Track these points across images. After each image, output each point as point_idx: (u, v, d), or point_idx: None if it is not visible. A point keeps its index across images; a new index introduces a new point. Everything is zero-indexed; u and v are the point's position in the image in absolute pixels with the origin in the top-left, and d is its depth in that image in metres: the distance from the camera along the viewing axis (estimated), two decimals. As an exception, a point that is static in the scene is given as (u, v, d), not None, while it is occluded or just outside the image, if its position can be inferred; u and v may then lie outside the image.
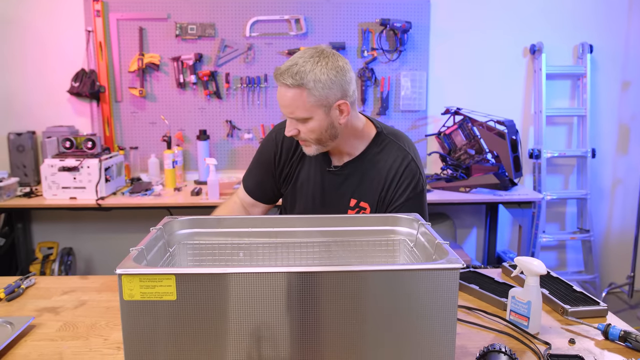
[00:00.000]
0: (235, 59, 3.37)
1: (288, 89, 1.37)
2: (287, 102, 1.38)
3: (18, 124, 3.34)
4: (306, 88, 1.35)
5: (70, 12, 3.28)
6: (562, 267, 3.77)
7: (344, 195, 1.55)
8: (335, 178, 1.56)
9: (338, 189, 1.56)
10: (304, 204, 1.61)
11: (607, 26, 3.47)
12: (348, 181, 1.55)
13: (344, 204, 1.56)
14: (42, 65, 3.33)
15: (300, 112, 1.38)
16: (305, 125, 1.41)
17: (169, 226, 1.24)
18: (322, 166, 1.57)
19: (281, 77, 1.36)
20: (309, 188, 1.59)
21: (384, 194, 1.52)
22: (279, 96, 1.41)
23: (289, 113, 1.40)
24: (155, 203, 2.87)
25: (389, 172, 1.51)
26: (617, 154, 3.63)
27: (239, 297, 0.91)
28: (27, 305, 1.42)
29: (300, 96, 1.36)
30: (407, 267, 0.94)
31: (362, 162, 1.54)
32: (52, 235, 3.47)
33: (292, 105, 1.38)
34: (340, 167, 1.55)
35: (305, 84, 1.35)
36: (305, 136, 1.44)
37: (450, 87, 3.49)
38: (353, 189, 1.54)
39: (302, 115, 1.39)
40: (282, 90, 1.39)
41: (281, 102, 1.40)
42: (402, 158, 1.52)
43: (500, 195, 3.00)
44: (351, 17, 3.37)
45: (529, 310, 1.22)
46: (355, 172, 1.54)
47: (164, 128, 3.39)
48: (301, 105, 1.37)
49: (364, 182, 1.53)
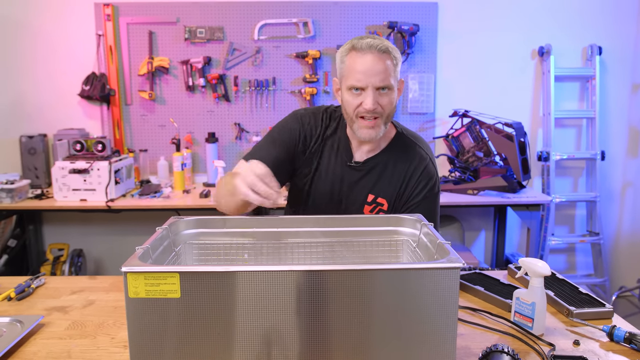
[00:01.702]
0: (243, 62, 3.39)
1: (381, 56, 1.41)
2: (380, 68, 1.41)
3: (30, 127, 3.39)
4: (394, 57, 1.44)
5: (81, 16, 3.33)
6: (571, 270, 3.75)
7: (363, 190, 1.57)
8: (355, 173, 1.58)
9: (357, 183, 1.57)
10: (321, 196, 1.59)
11: (616, 28, 3.45)
12: (368, 177, 1.57)
13: (362, 199, 1.57)
14: (53, 69, 3.38)
15: (391, 80, 1.43)
16: (386, 97, 1.45)
17: (175, 226, 1.25)
18: (343, 160, 1.58)
19: (373, 45, 1.41)
20: (328, 180, 1.58)
21: (402, 190, 1.56)
22: (365, 65, 1.41)
23: (380, 81, 1.42)
24: (164, 205, 2.90)
25: (407, 171, 1.55)
26: (627, 157, 3.61)
27: (243, 295, 0.92)
28: (37, 304, 1.44)
29: (391, 65, 1.43)
30: (409, 266, 0.94)
31: (383, 159, 1.57)
32: (62, 237, 3.51)
33: (385, 72, 1.42)
34: (362, 163, 1.57)
35: (393, 54, 1.44)
36: (383, 110, 1.45)
37: (458, 90, 3.48)
38: (372, 185, 1.57)
39: (391, 84, 1.43)
40: (372, 58, 1.41)
41: (371, 70, 1.41)
42: (421, 159, 1.57)
43: (508, 198, 2.99)
44: (359, 20, 3.38)
45: (533, 311, 1.22)
46: (376, 168, 1.57)
47: (173, 131, 3.42)
48: (392, 73, 1.43)
49: (383, 179, 1.56)
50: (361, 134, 1.49)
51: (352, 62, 1.43)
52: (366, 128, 1.47)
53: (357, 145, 1.58)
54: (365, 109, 1.43)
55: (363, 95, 1.43)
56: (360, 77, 1.41)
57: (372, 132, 1.47)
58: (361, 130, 1.48)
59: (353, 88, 1.44)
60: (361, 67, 1.41)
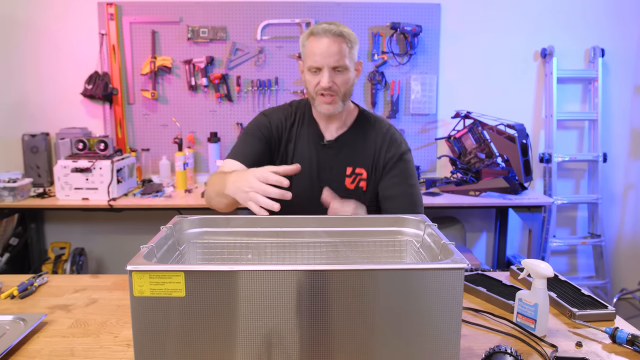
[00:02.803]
0: (246, 62, 3.40)
1: (335, 39, 1.56)
2: (334, 50, 1.56)
3: (32, 126, 3.40)
4: (348, 41, 1.59)
5: (84, 16, 3.33)
6: (572, 272, 3.75)
7: (341, 164, 1.69)
8: (330, 151, 1.70)
9: (334, 160, 1.70)
10: (302, 179, 1.67)
11: (619, 30, 3.45)
12: (342, 152, 1.70)
13: (341, 173, 1.69)
14: (56, 68, 3.38)
15: (345, 61, 1.58)
16: (341, 77, 1.59)
17: (179, 225, 1.25)
18: (316, 141, 1.70)
19: (328, 30, 1.56)
20: (305, 163, 1.67)
21: (377, 157, 1.69)
22: (321, 48, 1.56)
23: (335, 61, 1.56)
24: (166, 204, 2.90)
25: (376, 141, 1.70)
26: (629, 159, 3.61)
27: (248, 295, 0.92)
28: (40, 302, 1.44)
29: (346, 47, 1.58)
30: (413, 267, 0.94)
31: (353, 134, 1.71)
32: (64, 236, 3.52)
33: (339, 53, 1.56)
34: (334, 140, 1.70)
35: (347, 38, 1.59)
36: (338, 88, 1.60)
37: (461, 91, 3.49)
38: (348, 158, 1.69)
39: (345, 64, 1.58)
40: (328, 41, 1.56)
41: (326, 52, 1.56)
42: (387, 129, 1.74)
43: (510, 199, 2.99)
44: (361, 21, 3.38)
45: (535, 312, 1.22)
46: (348, 143, 1.70)
47: (176, 130, 3.43)
48: (346, 54, 1.58)
49: (357, 151, 1.70)
50: (321, 109, 1.63)
51: (310, 45, 1.59)
52: (325, 104, 1.62)
53: (325, 126, 1.71)
54: (322, 86, 1.58)
55: (320, 74, 1.59)
56: (317, 58, 1.57)
57: (330, 107, 1.62)
58: (321, 106, 1.63)
59: (312, 68, 1.59)
60: (318, 50, 1.56)
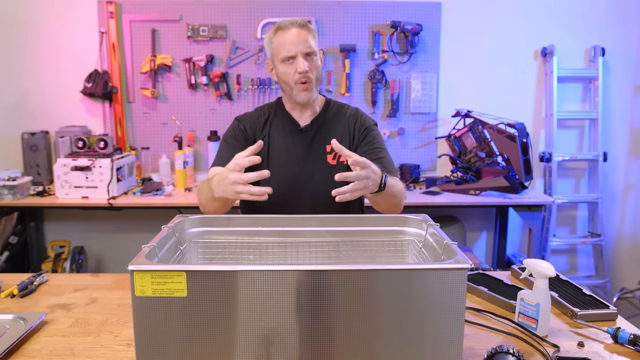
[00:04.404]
0: (246, 61, 3.39)
1: (302, 29, 1.68)
2: (303, 38, 1.67)
3: (32, 124, 3.39)
4: (311, 31, 1.71)
5: (84, 14, 3.33)
6: (572, 271, 3.75)
7: (320, 144, 1.77)
8: (307, 135, 1.78)
9: (312, 141, 1.77)
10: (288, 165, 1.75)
11: (619, 29, 3.45)
12: (319, 134, 1.78)
13: (322, 152, 1.76)
14: (56, 66, 3.38)
15: (314, 46, 1.69)
16: (312, 62, 1.69)
17: (180, 224, 1.25)
18: (292, 129, 1.79)
19: (294, 22, 1.68)
20: (284, 151, 1.77)
21: (351, 131, 1.80)
22: (291, 37, 1.66)
23: (306, 47, 1.67)
24: (165, 203, 2.90)
25: (349, 120, 1.82)
26: (630, 158, 3.61)
27: (249, 295, 0.92)
28: (40, 301, 1.44)
29: (311, 36, 1.69)
30: (416, 267, 0.94)
31: (326, 116, 1.82)
32: (64, 234, 3.51)
33: (307, 41, 1.67)
34: (310, 124, 1.79)
35: (311, 30, 1.71)
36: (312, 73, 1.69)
37: (461, 90, 3.48)
38: (326, 137, 1.76)
39: (314, 50, 1.69)
40: (296, 31, 1.67)
41: (297, 40, 1.66)
42: (355, 109, 1.87)
43: (510, 199, 2.99)
44: (362, 20, 3.38)
45: (537, 312, 1.22)
46: (323, 124, 1.80)
47: (175, 129, 3.42)
48: (312, 41, 1.69)
49: (332, 130, 1.79)
50: (300, 97, 1.71)
51: (280, 38, 1.68)
52: (304, 91, 1.70)
53: (299, 115, 1.80)
54: (299, 71, 1.66)
55: (295, 63, 1.67)
56: (290, 47, 1.66)
57: (309, 93, 1.71)
58: (300, 94, 1.71)
59: (286, 59, 1.67)
60: (289, 39, 1.66)
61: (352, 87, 3.43)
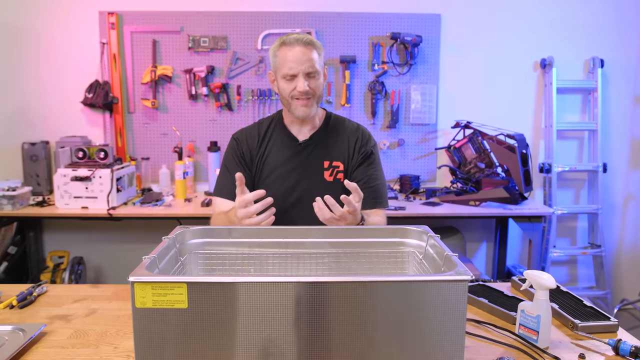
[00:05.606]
0: (246, 72, 3.40)
1: (306, 47, 1.67)
2: (307, 57, 1.67)
3: (32, 134, 3.39)
4: (317, 47, 1.70)
5: (86, 24, 3.34)
6: (572, 282, 3.74)
7: (317, 160, 1.78)
8: (305, 150, 1.79)
9: (308, 158, 1.78)
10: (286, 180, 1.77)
11: (618, 40, 3.47)
12: (317, 149, 1.79)
13: (319, 168, 1.78)
14: (57, 76, 3.39)
15: (317, 66, 1.68)
16: (314, 81, 1.69)
17: (181, 236, 1.25)
18: (291, 144, 1.80)
19: (299, 39, 1.67)
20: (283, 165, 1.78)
21: (351, 150, 1.80)
22: (294, 55, 1.66)
23: (309, 67, 1.67)
24: (165, 213, 2.89)
25: (349, 136, 1.82)
26: (629, 169, 3.61)
27: (250, 306, 0.91)
28: (39, 312, 1.43)
29: (316, 54, 1.69)
30: (416, 279, 0.94)
31: (325, 132, 1.82)
32: (63, 245, 3.50)
33: (311, 60, 1.67)
34: (308, 139, 1.80)
35: (316, 47, 1.70)
36: (313, 92, 1.70)
37: (461, 101, 3.49)
38: (324, 154, 1.79)
39: (317, 70, 1.68)
40: (300, 49, 1.66)
41: (300, 59, 1.66)
42: (356, 126, 1.87)
43: (510, 209, 2.98)
44: (362, 31, 3.40)
45: (538, 324, 1.22)
46: (322, 140, 1.81)
47: (176, 139, 3.43)
48: (317, 61, 1.69)
49: (331, 146, 1.80)
50: (298, 112, 1.72)
51: (283, 54, 1.68)
52: (302, 106, 1.71)
53: (298, 129, 1.80)
54: (299, 91, 1.67)
55: (295, 80, 1.68)
56: (292, 65, 1.66)
57: (307, 109, 1.72)
58: (298, 109, 1.71)
59: (287, 76, 1.68)
60: (292, 58, 1.66)
61: (352, 98, 3.45)
